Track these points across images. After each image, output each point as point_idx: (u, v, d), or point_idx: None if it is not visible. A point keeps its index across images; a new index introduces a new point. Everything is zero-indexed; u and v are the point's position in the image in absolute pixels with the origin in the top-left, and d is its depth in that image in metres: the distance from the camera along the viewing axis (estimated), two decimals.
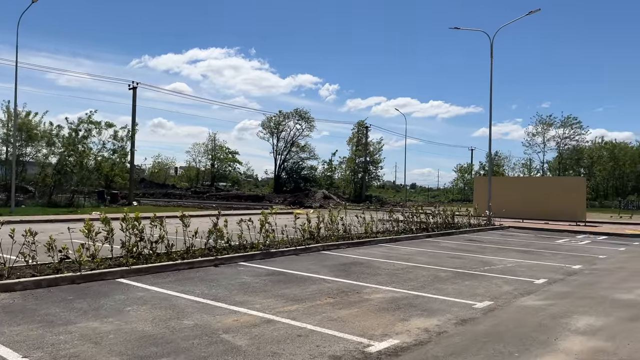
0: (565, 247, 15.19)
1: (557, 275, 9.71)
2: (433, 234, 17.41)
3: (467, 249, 13.87)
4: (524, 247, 14.70)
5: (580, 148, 66.25)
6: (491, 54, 22.35)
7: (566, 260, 11.96)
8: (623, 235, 19.96)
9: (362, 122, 61.45)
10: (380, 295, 7.50)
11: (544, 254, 13.28)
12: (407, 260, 11.22)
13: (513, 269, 10.47)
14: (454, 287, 8.24)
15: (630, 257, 13.15)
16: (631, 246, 15.93)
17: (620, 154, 73.69)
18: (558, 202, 24.91)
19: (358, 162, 62.03)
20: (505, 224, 23.45)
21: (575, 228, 22.37)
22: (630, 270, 10.63)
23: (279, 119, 67.43)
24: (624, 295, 7.84)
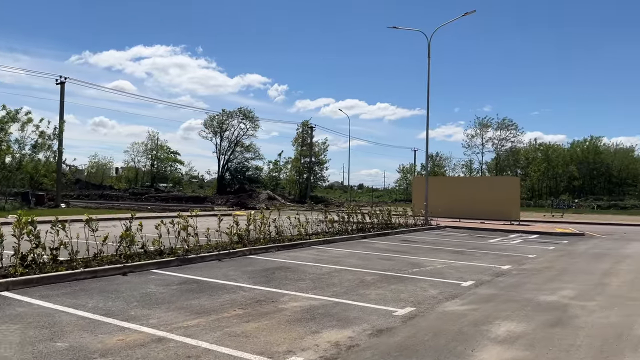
0: (497, 246, 15.25)
1: (485, 277, 9.50)
2: (369, 235, 17.09)
3: (400, 250, 13.59)
4: (456, 248, 14.60)
5: (517, 149, 68.83)
6: (428, 55, 22.45)
7: (496, 261, 11.88)
8: (553, 234, 20.46)
9: (307, 122, 61.13)
10: (298, 303, 6.92)
11: (475, 254, 13.19)
12: (336, 263, 10.73)
13: (442, 270, 10.20)
14: (378, 292, 7.79)
15: (558, 256, 13.28)
16: (560, 245, 16.22)
17: (553, 156, 77.28)
18: (494, 202, 25.36)
19: (303, 162, 61.58)
20: (442, 223, 23.58)
21: (509, 227, 22.79)
22: (557, 270, 10.62)
23: (223, 118, 66.00)
24: (548, 297, 7.65)
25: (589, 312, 6.69)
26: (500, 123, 65.03)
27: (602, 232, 22.40)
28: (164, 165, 76.67)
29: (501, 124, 65.01)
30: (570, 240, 18.11)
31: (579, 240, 18.20)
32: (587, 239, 18.57)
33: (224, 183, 68.56)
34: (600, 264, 11.58)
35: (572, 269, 10.77)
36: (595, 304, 7.21)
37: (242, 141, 67.81)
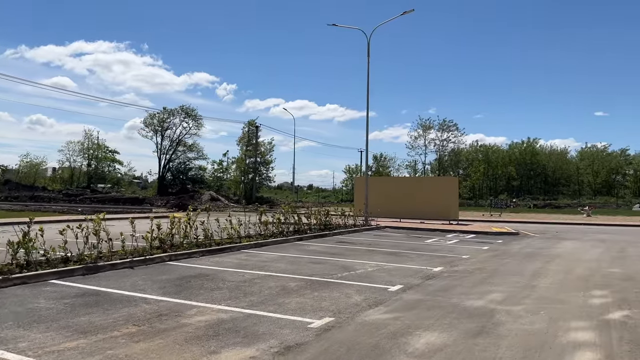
0: (433, 247, 15.07)
1: (415, 280, 9.13)
2: (306, 237, 16.53)
3: (333, 252, 13.10)
4: (392, 249, 14.28)
5: (459, 150, 70.56)
6: (368, 53, 22.17)
7: (429, 262, 11.59)
8: (489, 233, 20.67)
9: (253, 121, 60.00)
10: (205, 317, 6.21)
11: (410, 255, 12.90)
12: (262, 269, 10.07)
13: (373, 274, 9.76)
14: (299, 301, 7.19)
15: (491, 256, 13.20)
16: (494, 245, 16.28)
17: (493, 157, 79.94)
18: (433, 202, 25.49)
19: (248, 162, 60.41)
20: (382, 224, 23.41)
21: (447, 227, 22.90)
22: (488, 272, 10.42)
23: (164, 116, 63.75)
24: (475, 302, 7.32)
25: (514, 318, 6.37)
26: (442, 124, 66.48)
27: (536, 231, 22.91)
28: (102, 165, 73.27)
29: (442, 125, 66.45)
30: (505, 239, 18.29)
31: (513, 239, 18.41)
32: (521, 238, 18.83)
33: (165, 184, 66.24)
34: (531, 264, 11.53)
35: (503, 270, 10.61)
36: (521, 309, 6.92)
37: (184, 140, 65.84)
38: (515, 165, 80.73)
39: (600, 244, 16.62)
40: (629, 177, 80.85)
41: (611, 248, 15.43)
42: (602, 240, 18.35)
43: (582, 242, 17.59)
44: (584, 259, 12.61)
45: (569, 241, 17.80)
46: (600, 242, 17.34)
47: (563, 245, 16.38)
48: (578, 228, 25.94)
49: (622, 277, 9.83)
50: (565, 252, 14.11)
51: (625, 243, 17.21)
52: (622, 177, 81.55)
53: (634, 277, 9.76)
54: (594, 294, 8.07)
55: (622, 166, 79.99)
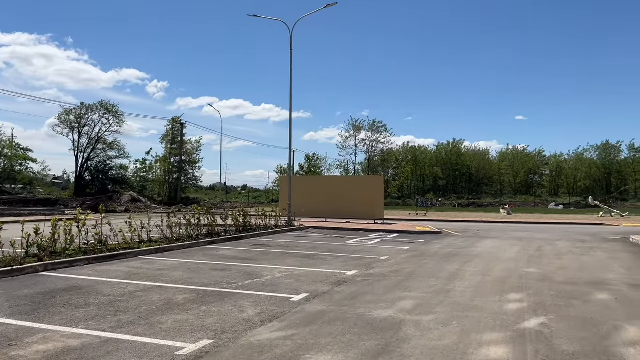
0: (353, 248, 14.35)
1: (324, 287, 8.24)
2: (219, 240, 15.30)
3: (244, 257, 12.00)
4: (309, 251, 13.40)
5: (388, 151, 71.52)
6: (290, 46, 21.25)
7: (345, 265, 10.79)
8: (412, 232, 20.37)
9: (177, 118, 57.41)
10: (48, 345, 4.94)
11: (327, 258, 12.05)
12: (153, 279, 8.80)
13: (279, 280, 8.78)
14: (178, 319, 6.06)
15: (410, 257, 12.64)
16: (415, 244, 15.84)
17: (421, 157, 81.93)
18: (359, 201, 24.99)
19: (173, 161, 57.72)
20: (307, 224, 22.58)
21: (371, 227, 22.43)
22: (404, 274, 9.75)
23: (81, 111, 59.47)
24: (383, 312, 6.52)
25: (422, 332, 5.60)
26: (372, 125, 67.03)
27: (459, 230, 22.97)
28: (12, 163, 67.35)
29: (372, 126, 67.02)
30: (427, 239, 17.98)
31: (435, 238, 18.14)
32: (442, 238, 18.61)
33: (83, 184, 61.94)
34: (449, 265, 11.03)
35: (419, 272, 9.99)
36: (432, 319, 6.19)
37: (104, 138, 61.81)
38: (442, 165, 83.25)
39: (519, 243, 16.65)
40: (545, 177, 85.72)
41: (528, 247, 15.43)
42: (520, 238, 18.50)
43: (501, 240, 17.60)
44: (502, 259, 12.33)
45: (489, 240, 17.76)
46: (519, 241, 17.41)
47: (483, 244, 16.24)
48: (498, 226, 26.43)
49: (538, 277, 9.48)
50: (484, 252, 13.85)
51: (542, 241, 17.38)
52: (540, 177, 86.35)
53: (549, 278, 9.43)
54: (510, 298, 7.54)
55: (539, 166, 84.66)
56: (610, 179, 78.03)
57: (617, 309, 6.82)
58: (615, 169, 77.40)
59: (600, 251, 14.21)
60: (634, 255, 13.23)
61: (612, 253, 13.72)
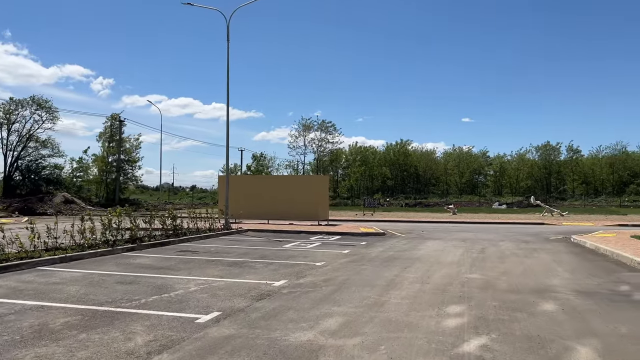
0: (289, 253, 13.29)
1: (242, 302, 7.13)
2: (142, 246, 13.86)
3: (163, 266, 10.70)
4: (239, 258, 12.23)
5: (338, 151, 71.05)
6: (227, 37, 19.92)
7: (274, 274, 9.72)
8: (356, 234, 19.56)
9: (116, 115, 54.44)
10: None
11: (256, 265, 10.93)
12: (40, 296, 7.41)
13: (192, 295, 7.59)
14: (40, 354, 4.79)
15: (349, 262, 11.72)
16: (356, 247, 14.97)
17: (370, 158, 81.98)
18: (303, 202, 23.99)
19: (111, 160, 54.72)
20: (247, 226, 21.38)
21: (315, 228, 21.47)
22: (337, 284, 8.78)
23: (10, 107, 55.36)
24: (302, 336, 5.49)
25: None
26: (321, 125, 66.32)
27: (404, 230, 22.41)
28: None
29: (321, 125, 66.31)
30: (370, 241, 17.18)
31: (378, 240, 17.37)
32: (386, 239, 17.88)
33: (12, 184, 57.68)
34: (388, 271, 10.17)
35: (355, 280, 9.05)
36: (358, 343, 5.22)
37: (36, 135, 57.83)
38: (390, 166, 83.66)
39: (462, 244, 16.13)
40: (489, 177, 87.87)
41: (472, 248, 14.89)
42: (464, 239, 18.05)
43: (444, 242, 17.05)
44: (444, 263, 11.62)
45: (432, 241, 17.17)
46: (462, 242, 16.92)
47: (426, 246, 15.59)
48: (443, 227, 26.14)
49: (481, 284, 8.76)
50: (426, 255, 13.14)
51: (486, 242, 16.96)
52: (484, 177, 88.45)
53: (492, 285, 8.72)
54: (449, 311, 6.70)
55: (484, 167, 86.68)
56: (550, 179, 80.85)
57: (565, 323, 6.10)
58: (555, 170, 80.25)
59: (543, 253, 13.83)
60: (577, 257, 12.88)
61: (555, 255, 13.35)
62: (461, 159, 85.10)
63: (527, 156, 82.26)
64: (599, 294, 7.94)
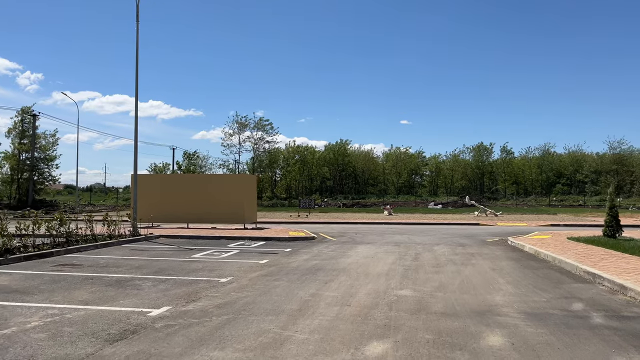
0: (193, 265, 11.24)
1: (86, 348, 5.11)
2: (11, 259, 11.35)
3: (19, 287, 8.39)
4: (128, 274, 10.05)
5: (274, 150, 68.95)
6: (137, 16, 17.46)
7: (161, 296, 7.70)
8: (283, 239, 17.72)
9: (28, 108, 49.55)
10: None
11: (144, 284, 8.83)
12: None
13: (20, 338, 5.47)
14: None
15: (262, 275, 9.86)
16: (278, 255, 13.14)
17: (309, 157, 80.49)
18: (227, 203, 21.88)
19: (24, 158, 49.80)
20: (162, 231, 19.04)
21: (238, 233, 19.44)
22: (235, 310, 6.91)
23: None
24: None
25: None
26: (258, 123, 63.98)
27: (336, 233, 20.87)
28: None
29: (258, 123, 63.99)
30: (296, 247, 15.40)
31: (305, 246, 15.63)
32: (314, 244, 16.18)
33: None
34: (305, 289, 8.41)
35: (259, 304, 7.21)
36: None
37: None
38: (329, 166, 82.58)
39: (395, 249, 14.70)
40: (425, 177, 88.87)
41: (406, 254, 13.47)
42: (398, 243, 16.68)
43: (377, 246, 15.57)
44: (372, 274, 10.03)
45: (364, 246, 15.65)
46: (396, 247, 15.51)
47: (356, 252, 14.02)
48: (378, 228, 24.84)
49: (412, 306, 7.17)
50: (354, 264, 11.53)
51: (421, 247, 15.64)
52: (421, 178, 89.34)
53: (426, 306, 7.16)
54: (369, 353, 5.01)
55: (420, 167, 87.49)
56: (483, 179, 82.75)
57: None
58: (488, 170, 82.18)
59: (481, 258, 12.60)
60: (517, 264, 11.70)
61: (493, 261, 12.12)
62: (399, 159, 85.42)
63: (462, 157, 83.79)
64: (552, 316, 6.55)
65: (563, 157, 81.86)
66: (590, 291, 8.26)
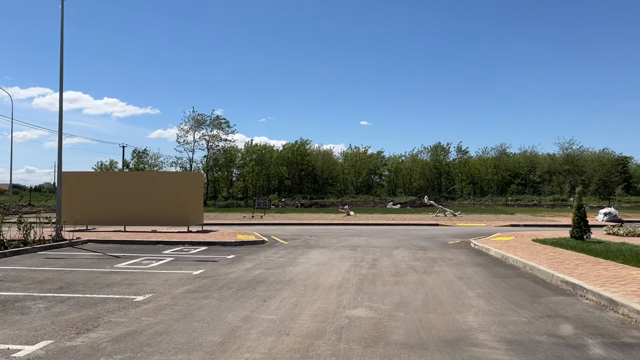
0: (110, 279, 9.43)
1: None
2: None
3: None
4: (20, 291, 8.16)
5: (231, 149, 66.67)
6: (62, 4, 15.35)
7: (47, 324, 5.96)
8: (228, 243, 16.03)
9: None
10: None
11: (33, 306, 7.02)
12: None
13: None
14: None
15: (189, 291, 8.21)
16: (217, 264, 11.48)
17: (267, 157, 78.57)
18: (171, 204, 19.94)
19: None
20: (94, 235, 16.97)
21: (179, 237, 17.59)
22: (133, 347, 5.27)
23: None
24: None
25: None
26: (214, 120, 61.51)
27: (290, 236, 19.36)
28: None
29: (214, 121, 61.53)
30: (241, 252, 13.78)
31: (251, 252, 14.02)
32: (262, 249, 14.59)
33: None
34: (237, 309, 6.84)
35: (172, 335, 5.59)
36: None
37: None
38: (288, 165, 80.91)
39: (351, 254, 13.31)
40: (384, 177, 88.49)
41: (362, 261, 12.09)
42: (355, 247, 15.31)
43: (331, 251, 14.15)
44: (323, 287, 8.56)
45: (317, 251, 14.20)
46: (352, 251, 14.14)
47: (307, 258, 12.54)
48: (335, 230, 23.45)
49: (367, 333, 5.73)
50: (303, 273, 10.04)
51: (379, 251, 14.33)
52: (380, 177, 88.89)
53: (384, 333, 5.73)
54: None
55: (379, 167, 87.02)
56: (441, 179, 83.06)
57: None
58: (445, 170, 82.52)
59: (445, 265, 11.35)
60: (485, 271, 10.50)
61: (459, 268, 10.88)
62: (358, 159, 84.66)
63: (420, 157, 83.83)
64: (540, 346, 5.24)
65: (518, 158, 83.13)
66: (574, 307, 7.06)
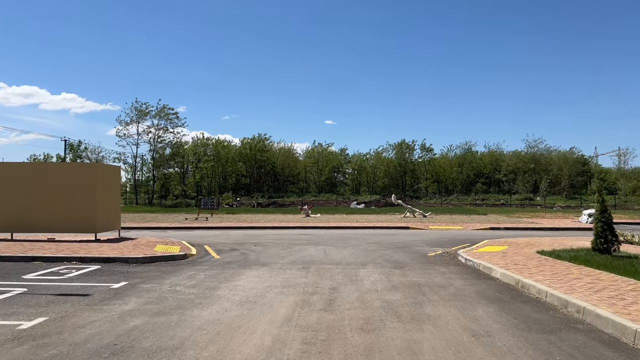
0: None
1: None
2: None
3: None
4: None
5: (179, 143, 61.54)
6: None
7: None
8: (134, 260, 11.75)
9: None
10: None
11: None
12: None
13: None
14: None
15: None
16: (85, 301, 7.26)
17: (223, 153, 73.70)
18: (73, 204, 15.44)
19: None
20: None
21: (70, 249, 13.17)
22: None
23: None
24: None
25: None
26: (160, 110, 56.20)
27: (230, 244, 15.33)
28: None
29: (161, 111, 56.24)
30: (143, 275, 9.57)
31: (160, 274, 9.83)
32: (179, 269, 10.43)
33: None
34: None
35: None
36: None
37: None
38: (246, 162, 76.35)
39: (300, 279, 9.33)
40: (348, 175, 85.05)
41: (314, 293, 8.15)
42: (308, 264, 11.35)
43: (274, 271, 10.15)
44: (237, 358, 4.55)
45: (255, 271, 10.18)
46: (303, 271, 10.19)
47: (232, 287, 8.48)
48: (289, 235, 19.41)
49: None
50: (208, 328, 5.99)
51: (341, 270, 10.43)
52: (343, 176, 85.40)
53: None
54: None
55: (343, 165, 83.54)
56: (406, 177, 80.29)
57: None
58: (410, 168, 79.78)
59: (439, 300, 7.52)
60: (505, 315, 6.74)
61: (462, 307, 7.07)
62: (321, 156, 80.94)
63: (385, 155, 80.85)
64: None
65: (483, 156, 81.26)
66: None
